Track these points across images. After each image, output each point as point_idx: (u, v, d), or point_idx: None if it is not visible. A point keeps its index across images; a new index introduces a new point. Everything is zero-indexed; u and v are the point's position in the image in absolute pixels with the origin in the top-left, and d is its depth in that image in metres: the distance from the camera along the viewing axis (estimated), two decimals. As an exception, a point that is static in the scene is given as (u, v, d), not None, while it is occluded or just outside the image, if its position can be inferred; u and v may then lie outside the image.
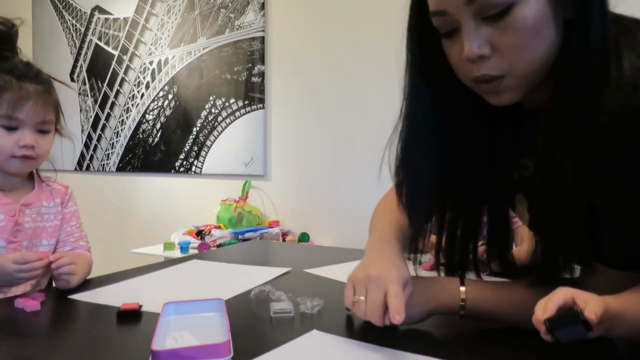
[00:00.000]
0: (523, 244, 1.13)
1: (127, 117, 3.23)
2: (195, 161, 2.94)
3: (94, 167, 3.38)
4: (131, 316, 0.76)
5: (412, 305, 0.67)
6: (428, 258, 1.02)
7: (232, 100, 2.79)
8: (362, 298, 0.65)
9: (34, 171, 1.12)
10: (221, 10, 2.81)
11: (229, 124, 2.80)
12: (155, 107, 3.09)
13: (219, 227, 2.58)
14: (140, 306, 0.78)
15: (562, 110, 0.58)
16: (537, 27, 0.56)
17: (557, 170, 0.59)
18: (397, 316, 0.59)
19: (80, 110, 3.42)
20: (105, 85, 3.31)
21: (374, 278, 0.65)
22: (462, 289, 0.69)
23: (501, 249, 0.78)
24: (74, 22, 3.44)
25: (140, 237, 3.05)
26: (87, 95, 3.40)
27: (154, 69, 3.09)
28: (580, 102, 0.56)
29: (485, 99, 0.64)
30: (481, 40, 0.57)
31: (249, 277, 1.02)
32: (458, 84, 0.65)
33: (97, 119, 3.36)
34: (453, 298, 0.69)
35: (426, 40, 0.66)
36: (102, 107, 3.34)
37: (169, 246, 2.46)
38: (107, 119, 3.32)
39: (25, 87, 0.98)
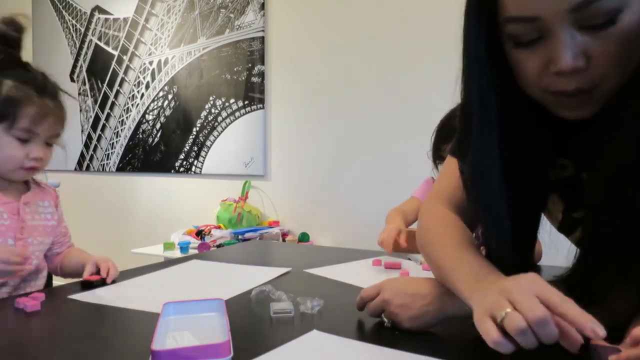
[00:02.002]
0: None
1: (127, 117, 3.23)
2: (195, 161, 2.94)
3: (94, 167, 3.38)
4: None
5: (427, 312, 0.66)
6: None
7: (232, 101, 2.79)
8: (509, 310, 0.49)
9: None
10: (221, 10, 2.81)
11: (229, 124, 2.80)
12: (155, 107, 3.09)
13: (219, 227, 2.58)
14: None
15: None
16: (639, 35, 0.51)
17: (625, 181, 0.54)
18: (597, 329, 0.45)
19: (80, 110, 3.43)
20: (105, 85, 3.31)
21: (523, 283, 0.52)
22: None
23: (526, 252, 0.74)
24: (74, 22, 3.44)
25: (140, 237, 3.05)
26: (87, 96, 3.40)
27: (153, 69, 3.09)
28: None
29: (557, 112, 0.59)
30: (577, 50, 0.52)
31: (249, 277, 1.02)
32: (517, 91, 0.61)
33: (97, 119, 3.36)
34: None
35: (488, 47, 0.60)
36: (102, 107, 3.34)
37: (169, 246, 2.47)
38: (107, 119, 3.32)
39: (46, 103, 1.01)
